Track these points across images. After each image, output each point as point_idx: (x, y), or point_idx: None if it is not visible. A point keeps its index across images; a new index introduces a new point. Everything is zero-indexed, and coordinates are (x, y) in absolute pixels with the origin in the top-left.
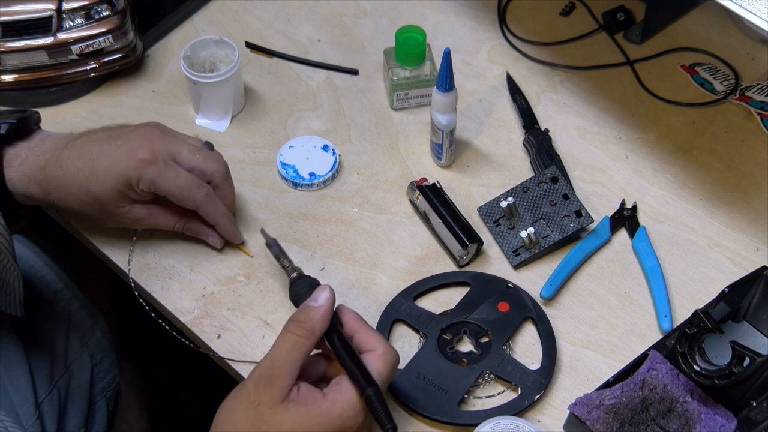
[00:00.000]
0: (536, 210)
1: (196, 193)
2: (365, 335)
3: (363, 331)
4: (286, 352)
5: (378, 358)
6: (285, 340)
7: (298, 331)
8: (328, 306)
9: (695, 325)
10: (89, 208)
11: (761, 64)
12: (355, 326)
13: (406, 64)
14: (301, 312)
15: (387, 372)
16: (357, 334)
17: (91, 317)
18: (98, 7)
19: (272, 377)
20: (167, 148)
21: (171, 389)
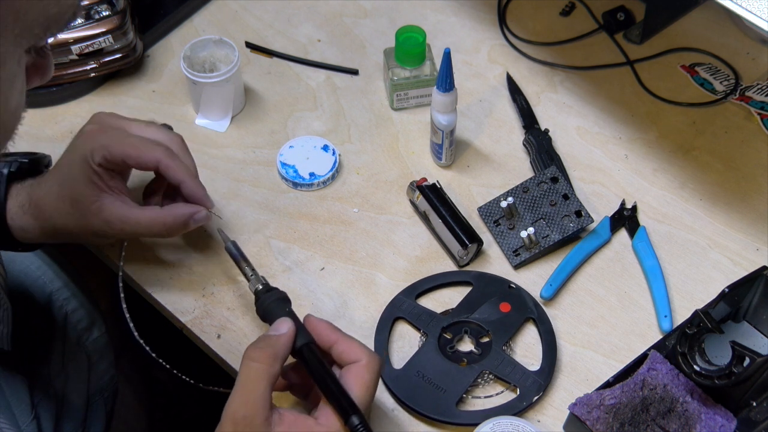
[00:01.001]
0: (536, 210)
1: (153, 148)
2: (344, 345)
3: (341, 342)
4: (253, 385)
5: (363, 368)
6: (249, 372)
7: (261, 359)
8: (289, 331)
9: (695, 325)
10: (71, 220)
11: (761, 64)
12: (332, 337)
13: (406, 64)
14: (261, 340)
15: (373, 382)
16: (335, 346)
17: (89, 317)
18: (98, 7)
19: (247, 418)
20: (116, 122)
21: (170, 389)
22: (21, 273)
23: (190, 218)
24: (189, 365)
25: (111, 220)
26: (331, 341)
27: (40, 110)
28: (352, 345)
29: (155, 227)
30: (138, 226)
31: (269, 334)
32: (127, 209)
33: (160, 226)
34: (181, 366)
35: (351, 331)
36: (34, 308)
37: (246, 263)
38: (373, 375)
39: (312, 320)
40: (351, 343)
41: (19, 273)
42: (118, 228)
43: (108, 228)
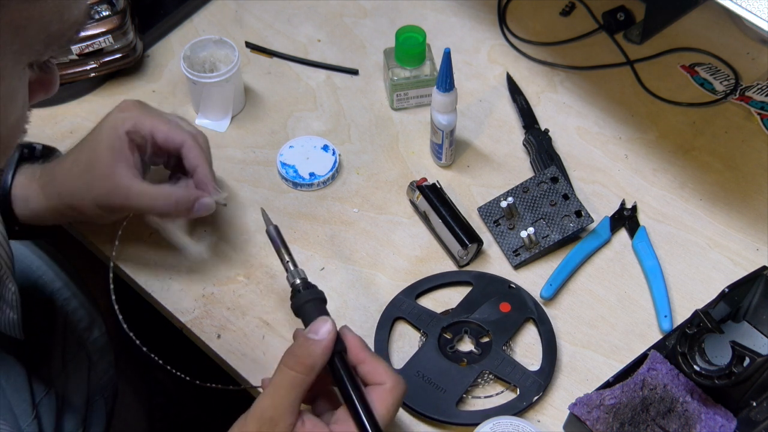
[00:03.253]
0: (536, 210)
1: (182, 130)
2: (371, 366)
3: (368, 362)
4: (285, 392)
5: (387, 393)
6: (284, 378)
7: (298, 368)
8: (329, 340)
9: (695, 325)
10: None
11: (761, 64)
12: (360, 355)
13: (406, 64)
14: (300, 347)
15: (395, 407)
16: (362, 365)
17: (89, 317)
18: (98, 7)
19: (274, 420)
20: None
21: (170, 389)
22: (22, 273)
23: (197, 201)
24: (189, 365)
25: (119, 187)
26: (359, 359)
27: (40, 110)
28: (380, 367)
29: (160, 201)
30: (144, 197)
31: (309, 337)
32: (137, 180)
33: (165, 200)
34: (181, 366)
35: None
36: (35, 308)
37: (286, 251)
38: (396, 400)
39: (346, 333)
40: (379, 365)
41: (21, 273)
42: (123, 195)
43: (114, 196)
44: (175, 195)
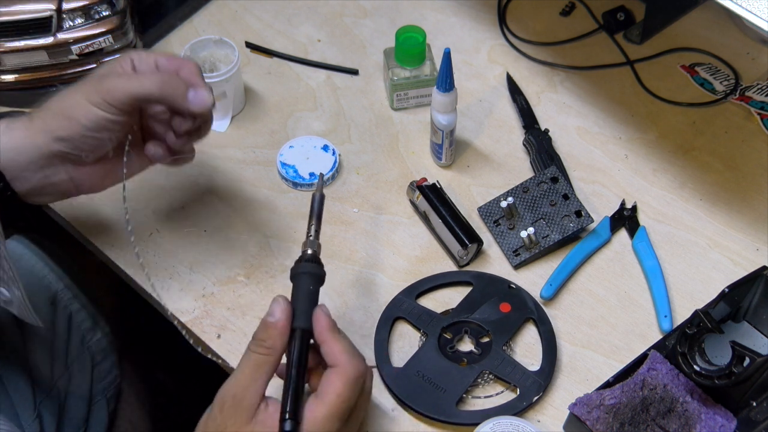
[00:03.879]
0: (536, 210)
1: (175, 57)
2: (329, 347)
3: (328, 343)
4: (249, 372)
5: (336, 375)
6: (247, 360)
7: (259, 350)
8: (284, 320)
9: (695, 325)
10: (69, 97)
11: (761, 64)
12: (323, 336)
13: (406, 64)
14: (260, 328)
15: (350, 389)
16: (323, 345)
17: (92, 318)
18: (98, 7)
19: (236, 398)
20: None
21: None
22: (25, 273)
23: (191, 88)
24: (189, 365)
25: (109, 75)
26: (321, 339)
27: None
28: (335, 348)
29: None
30: (132, 79)
31: (266, 319)
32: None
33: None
34: (181, 366)
35: (351, 331)
36: (38, 309)
37: (317, 222)
38: (347, 382)
39: (318, 313)
40: (335, 347)
41: (24, 273)
42: (113, 82)
43: (107, 93)
44: (164, 75)
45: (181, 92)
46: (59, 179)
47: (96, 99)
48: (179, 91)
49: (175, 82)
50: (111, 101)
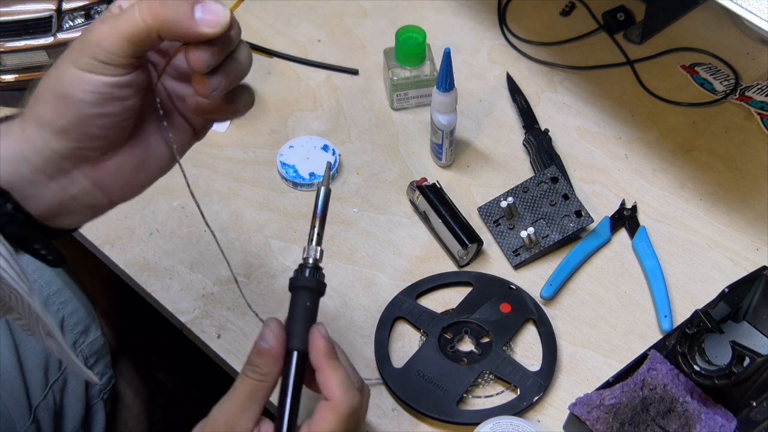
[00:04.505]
0: (536, 210)
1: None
2: (324, 376)
3: (323, 371)
4: (243, 397)
5: (328, 409)
6: (242, 385)
7: (254, 376)
8: (277, 347)
9: (695, 325)
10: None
11: (761, 64)
12: (318, 361)
13: (406, 64)
14: (254, 355)
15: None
16: (318, 373)
17: (86, 319)
18: (98, 7)
19: (228, 423)
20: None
21: (171, 389)
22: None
23: (196, 3)
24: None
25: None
26: (316, 365)
27: None
28: (331, 379)
29: (145, 6)
30: (123, 20)
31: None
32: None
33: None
34: (181, 366)
35: (351, 331)
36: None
37: (320, 223)
38: (340, 419)
39: (315, 334)
40: (331, 378)
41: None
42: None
43: (95, 48)
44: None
45: (183, 12)
46: (80, 188)
47: (85, 61)
48: (181, 11)
49: (175, 3)
50: (103, 57)
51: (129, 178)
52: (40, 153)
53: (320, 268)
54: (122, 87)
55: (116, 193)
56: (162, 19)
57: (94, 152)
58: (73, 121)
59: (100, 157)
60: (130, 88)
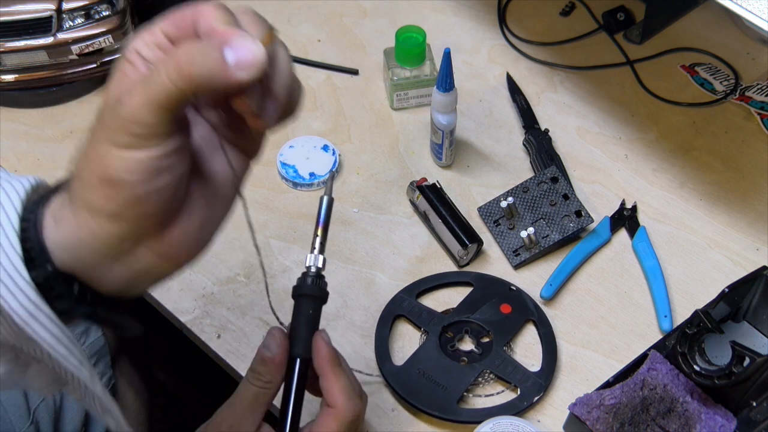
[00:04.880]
0: (536, 210)
1: (181, 12)
2: (328, 383)
3: (328, 378)
4: (247, 403)
5: (331, 417)
6: (245, 390)
7: (257, 383)
8: (280, 354)
9: (695, 325)
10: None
11: (761, 64)
12: (322, 368)
13: (406, 64)
14: (258, 362)
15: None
16: (321, 380)
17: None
18: (98, 7)
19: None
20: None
21: (171, 389)
22: None
23: (224, 44)
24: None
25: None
26: (320, 372)
27: (40, 110)
28: (335, 386)
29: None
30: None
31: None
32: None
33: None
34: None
35: (351, 331)
36: None
37: (323, 231)
38: (341, 425)
39: (318, 341)
40: (335, 385)
41: None
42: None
43: (130, 124)
44: (181, 52)
45: (215, 63)
46: (146, 263)
47: (124, 139)
48: (212, 63)
49: (201, 54)
50: (141, 131)
51: (195, 239)
52: (98, 238)
53: (322, 276)
54: (169, 156)
55: (183, 257)
56: (195, 80)
57: (154, 228)
58: (125, 204)
59: (161, 232)
60: (177, 154)
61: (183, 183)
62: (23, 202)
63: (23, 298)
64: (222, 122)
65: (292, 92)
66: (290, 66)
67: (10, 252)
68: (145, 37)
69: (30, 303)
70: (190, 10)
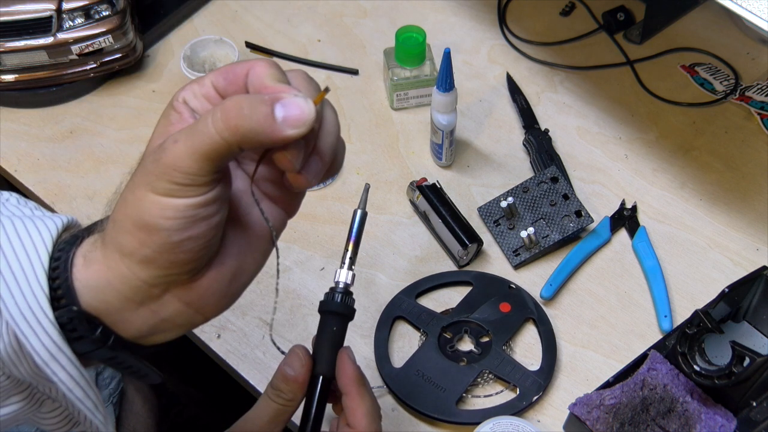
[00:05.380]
0: (536, 210)
1: (233, 66)
2: (353, 403)
3: (352, 398)
4: (268, 419)
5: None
6: (266, 406)
7: (278, 401)
8: (303, 374)
9: (695, 325)
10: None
11: (761, 64)
12: (347, 388)
13: (406, 64)
14: (280, 380)
15: None
16: (345, 399)
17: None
18: (98, 7)
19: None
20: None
21: (171, 389)
22: None
23: (276, 101)
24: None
25: (172, 157)
26: (345, 391)
27: (40, 110)
28: (359, 408)
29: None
30: (199, 136)
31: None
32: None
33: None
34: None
35: (351, 331)
36: None
37: (354, 245)
38: None
39: (343, 358)
40: (359, 407)
41: None
42: (178, 158)
43: (172, 172)
44: (230, 104)
45: (264, 117)
46: (172, 311)
47: (163, 186)
48: (261, 117)
49: (250, 107)
50: (183, 180)
51: (224, 291)
52: (126, 282)
53: (350, 293)
54: (207, 206)
55: (210, 308)
56: (242, 132)
57: (185, 276)
58: (158, 250)
59: (191, 279)
60: (215, 204)
61: (218, 232)
62: (55, 240)
63: (46, 338)
64: (263, 176)
65: (337, 153)
66: (337, 127)
67: (38, 291)
68: (193, 87)
69: (52, 343)
70: (241, 65)
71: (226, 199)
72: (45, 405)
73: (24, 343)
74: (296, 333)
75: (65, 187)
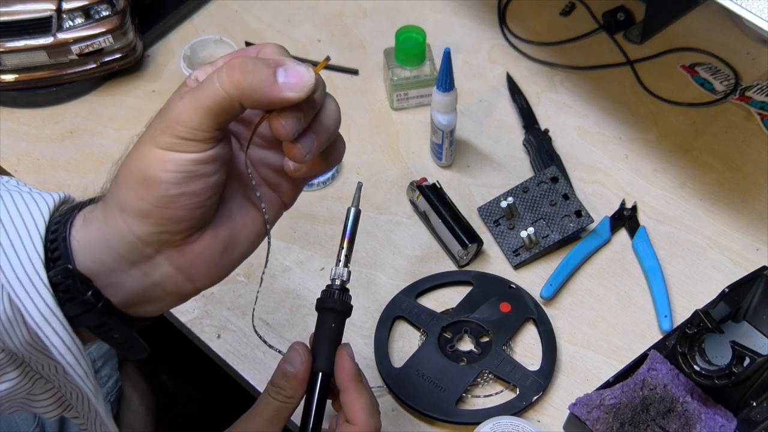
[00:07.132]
0: (536, 210)
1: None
2: (350, 398)
3: (349, 393)
4: (268, 417)
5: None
6: (266, 404)
7: (279, 398)
8: (304, 370)
9: (695, 325)
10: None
11: (761, 64)
12: (345, 384)
13: (406, 64)
14: (279, 377)
15: None
16: (343, 395)
17: None
18: (98, 7)
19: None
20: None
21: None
22: None
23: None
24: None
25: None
26: (343, 387)
27: (40, 110)
28: (357, 404)
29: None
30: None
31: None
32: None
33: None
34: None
35: (351, 330)
36: None
37: (349, 243)
38: None
39: (342, 354)
40: (357, 402)
41: None
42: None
43: (175, 125)
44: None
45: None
46: (163, 275)
47: (165, 140)
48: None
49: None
50: (185, 133)
51: (215, 261)
52: (122, 239)
53: (347, 290)
54: (206, 163)
55: (201, 278)
56: (244, 87)
57: (178, 236)
58: (155, 204)
59: (184, 242)
60: (214, 163)
61: (214, 195)
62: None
63: (39, 301)
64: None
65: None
66: (337, 114)
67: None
68: (206, 67)
69: (45, 306)
70: (252, 48)
71: (224, 162)
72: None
73: (18, 306)
74: (296, 333)
75: (65, 187)
